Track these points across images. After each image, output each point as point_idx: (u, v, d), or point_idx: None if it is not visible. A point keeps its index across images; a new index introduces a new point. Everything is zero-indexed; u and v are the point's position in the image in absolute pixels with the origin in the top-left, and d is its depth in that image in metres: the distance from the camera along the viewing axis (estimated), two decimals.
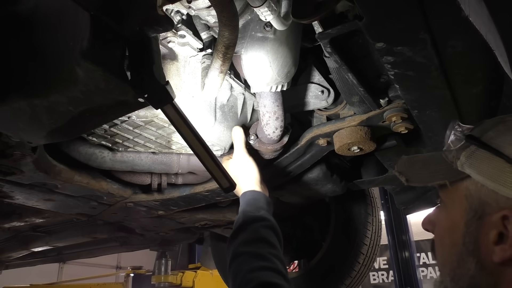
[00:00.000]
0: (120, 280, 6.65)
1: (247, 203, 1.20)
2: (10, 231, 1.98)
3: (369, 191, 2.32)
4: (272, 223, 1.14)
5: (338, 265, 2.18)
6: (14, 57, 0.79)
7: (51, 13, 0.77)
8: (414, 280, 6.36)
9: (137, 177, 1.49)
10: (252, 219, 1.13)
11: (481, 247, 0.67)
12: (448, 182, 0.74)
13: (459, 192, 0.72)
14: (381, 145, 1.42)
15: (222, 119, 1.28)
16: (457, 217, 0.72)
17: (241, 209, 1.19)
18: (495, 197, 0.65)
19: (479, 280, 0.67)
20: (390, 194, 5.10)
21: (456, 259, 0.70)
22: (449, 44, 0.86)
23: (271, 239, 1.08)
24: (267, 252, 1.03)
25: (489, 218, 0.66)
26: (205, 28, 1.20)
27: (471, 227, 0.69)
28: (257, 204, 1.19)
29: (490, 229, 0.65)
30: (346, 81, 1.18)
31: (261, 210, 1.17)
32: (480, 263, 0.66)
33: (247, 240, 1.07)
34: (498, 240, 0.65)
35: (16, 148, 0.99)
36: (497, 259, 0.64)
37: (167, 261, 3.74)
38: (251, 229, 1.10)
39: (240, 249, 1.05)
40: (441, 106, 1.11)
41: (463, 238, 0.69)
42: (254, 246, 1.05)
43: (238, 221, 1.14)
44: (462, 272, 0.69)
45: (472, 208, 0.69)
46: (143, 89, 0.79)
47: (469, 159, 0.69)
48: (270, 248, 1.05)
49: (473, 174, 0.68)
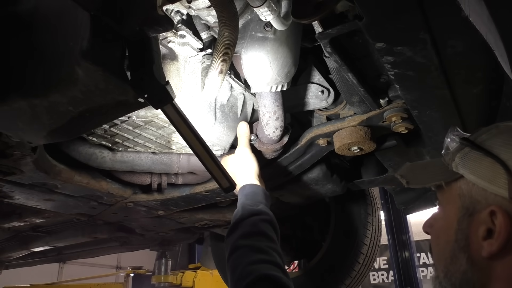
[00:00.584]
0: (120, 280, 6.65)
1: (246, 196, 1.21)
2: (10, 231, 1.98)
3: (369, 191, 2.32)
4: (270, 217, 1.15)
5: (338, 265, 2.18)
6: (14, 57, 0.79)
7: (51, 13, 0.77)
8: (414, 280, 6.36)
9: (137, 177, 1.49)
10: (251, 212, 1.14)
11: (471, 243, 0.70)
12: (443, 183, 0.78)
13: (453, 192, 0.76)
14: (381, 145, 1.42)
15: (222, 119, 1.28)
16: (451, 216, 0.75)
17: (240, 202, 1.20)
18: (485, 195, 0.69)
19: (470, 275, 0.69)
20: (390, 194, 5.11)
21: (449, 255, 0.73)
22: (449, 44, 0.86)
23: (269, 233, 1.09)
24: (265, 246, 1.04)
25: (479, 215, 0.69)
26: (205, 28, 1.20)
27: (463, 224, 0.72)
28: (256, 197, 1.20)
29: (480, 225, 0.68)
30: (346, 81, 1.18)
31: (260, 204, 1.18)
32: (471, 259, 0.69)
33: (246, 233, 1.08)
34: (486, 236, 0.67)
35: (16, 148, 0.99)
36: (485, 254, 0.67)
37: (167, 261, 3.74)
38: (250, 222, 1.11)
39: (239, 242, 1.07)
40: (441, 106, 1.11)
41: (456, 235, 0.73)
42: (253, 240, 1.06)
43: (237, 214, 1.15)
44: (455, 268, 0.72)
45: (464, 206, 0.73)
46: (143, 89, 0.79)
47: (463, 160, 0.73)
48: (268, 241, 1.07)
49: (465, 173, 0.72)
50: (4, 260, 2.77)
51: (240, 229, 1.10)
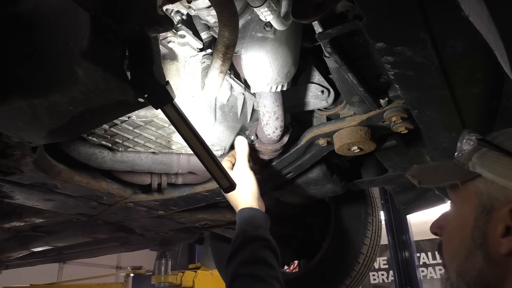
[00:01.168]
0: (120, 280, 6.65)
1: (245, 221, 1.19)
2: (10, 231, 1.98)
3: (369, 191, 2.32)
4: (271, 243, 1.14)
5: (338, 265, 2.18)
6: (14, 57, 0.79)
7: (51, 13, 0.77)
8: (414, 280, 6.36)
9: (137, 177, 1.49)
10: (251, 238, 1.12)
11: (489, 240, 0.71)
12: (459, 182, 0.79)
13: (469, 190, 0.77)
14: (381, 145, 1.42)
15: (222, 119, 1.28)
16: (466, 214, 0.77)
17: (239, 227, 1.19)
18: (505, 192, 0.70)
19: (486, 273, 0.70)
20: (390, 194, 5.11)
21: (464, 253, 0.74)
22: (449, 44, 0.86)
23: (270, 260, 1.08)
24: (265, 275, 1.03)
25: (498, 212, 0.70)
26: (205, 28, 1.20)
27: (480, 221, 0.73)
28: (255, 222, 1.19)
29: (498, 223, 0.70)
30: (346, 81, 1.18)
31: (260, 228, 1.17)
32: (488, 256, 0.70)
33: (246, 260, 1.07)
34: (505, 233, 0.69)
35: (16, 148, 0.99)
36: (504, 251, 0.68)
37: (167, 261, 3.74)
38: (249, 249, 1.10)
39: (239, 270, 1.06)
40: (441, 106, 1.11)
41: (472, 233, 0.74)
42: (254, 268, 1.06)
43: (237, 240, 1.13)
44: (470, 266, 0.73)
45: (481, 204, 0.74)
46: (143, 89, 0.79)
47: (480, 159, 0.75)
48: (268, 269, 1.06)
49: (484, 172, 0.74)
50: (4, 260, 2.77)
51: (239, 256, 1.09)
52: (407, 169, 0.91)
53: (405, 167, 1.60)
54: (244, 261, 1.07)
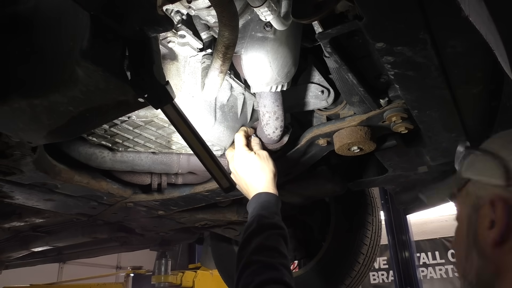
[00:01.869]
0: (120, 280, 6.65)
1: (261, 206, 1.19)
2: (10, 231, 1.98)
3: (369, 191, 2.32)
4: (284, 232, 1.14)
5: (338, 265, 2.18)
6: (14, 57, 0.79)
7: (51, 13, 0.77)
8: (414, 280, 6.35)
9: (137, 177, 1.49)
10: (267, 225, 1.12)
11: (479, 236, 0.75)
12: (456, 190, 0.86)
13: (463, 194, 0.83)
14: (381, 145, 1.42)
15: (222, 119, 1.28)
16: (463, 217, 0.82)
17: (254, 210, 1.18)
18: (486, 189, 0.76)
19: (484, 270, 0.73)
20: (390, 194, 5.10)
21: (464, 254, 0.79)
22: (449, 44, 0.86)
23: (282, 249, 1.09)
24: (278, 263, 1.04)
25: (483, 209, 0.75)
26: (205, 28, 1.20)
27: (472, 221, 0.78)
28: (271, 208, 1.19)
29: (485, 218, 0.74)
30: (346, 81, 1.18)
31: (275, 216, 1.17)
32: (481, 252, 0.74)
33: (261, 247, 1.08)
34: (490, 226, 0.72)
35: (16, 148, 0.99)
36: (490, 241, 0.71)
37: (167, 261, 3.74)
38: (265, 236, 1.10)
39: (252, 256, 1.06)
40: (441, 106, 1.11)
41: (467, 232, 0.79)
42: (267, 255, 1.06)
43: (253, 224, 1.13)
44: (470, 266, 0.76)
45: (472, 205, 0.79)
46: (143, 89, 0.79)
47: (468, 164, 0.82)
48: (281, 258, 1.06)
49: (470, 175, 0.80)
50: (4, 260, 2.77)
51: (254, 241, 1.09)
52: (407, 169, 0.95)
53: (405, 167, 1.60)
54: (259, 247, 1.08)
